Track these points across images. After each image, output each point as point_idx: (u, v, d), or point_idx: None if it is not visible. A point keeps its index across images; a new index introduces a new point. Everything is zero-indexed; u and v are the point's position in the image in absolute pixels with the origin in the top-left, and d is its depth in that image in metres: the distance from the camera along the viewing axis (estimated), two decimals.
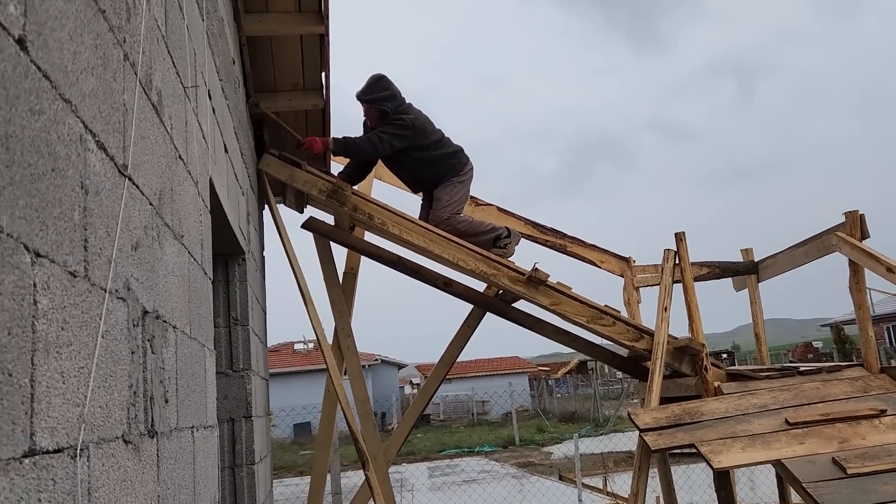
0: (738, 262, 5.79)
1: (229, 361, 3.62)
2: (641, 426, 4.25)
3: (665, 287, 4.82)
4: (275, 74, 4.55)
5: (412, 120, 5.01)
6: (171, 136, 1.76)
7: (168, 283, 1.65)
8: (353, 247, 5.52)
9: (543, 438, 20.43)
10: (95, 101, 1.14)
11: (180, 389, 1.71)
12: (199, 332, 2.05)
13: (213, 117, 2.65)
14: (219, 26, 2.95)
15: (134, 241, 1.34)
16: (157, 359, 1.49)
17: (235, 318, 3.67)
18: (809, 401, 4.33)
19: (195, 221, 2.07)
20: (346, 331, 5.49)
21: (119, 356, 1.20)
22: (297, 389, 25.59)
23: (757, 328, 5.80)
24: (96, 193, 1.12)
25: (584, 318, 4.74)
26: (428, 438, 22.55)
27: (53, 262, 0.93)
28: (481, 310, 5.57)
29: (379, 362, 31.75)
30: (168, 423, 1.57)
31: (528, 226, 5.93)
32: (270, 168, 4.75)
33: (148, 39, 1.55)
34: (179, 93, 1.93)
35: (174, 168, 1.79)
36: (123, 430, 1.20)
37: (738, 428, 4.15)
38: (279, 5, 4.05)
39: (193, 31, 2.23)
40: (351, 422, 4.43)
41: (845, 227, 4.70)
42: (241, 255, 3.73)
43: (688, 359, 4.73)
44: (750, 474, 10.11)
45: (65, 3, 1.01)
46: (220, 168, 2.81)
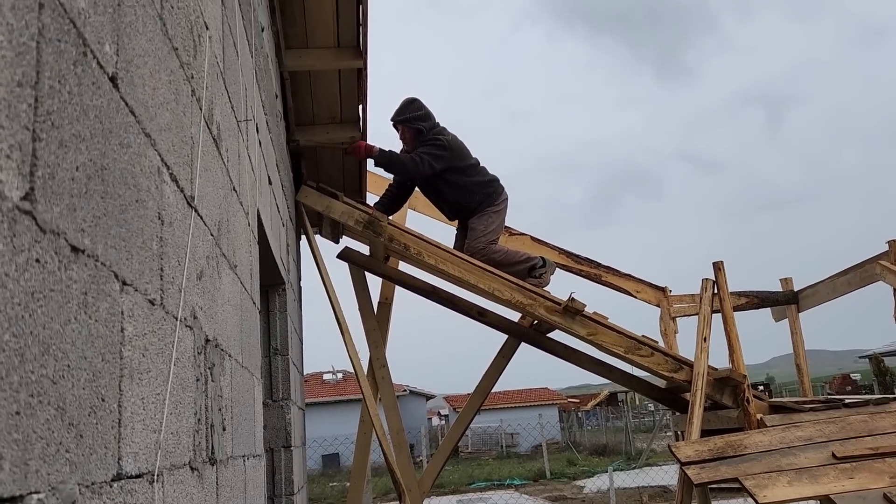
0: (777, 292, 5.70)
1: (269, 391, 3.64)
2: (683, 459, 4.16)
3: (704, 317, 4.76)
4: (313, 108, 4.64)
5: (449, 141, 5.07)
6: (227, 168, 1.81)
7: (225, 312, 1.67)
8: (389, 277, 5.55)
9: (574, 472, 20.07)
10: (170, 135, 1.18)
11: (235, 417, 1.73)
12: (250, 360, 2.08)
13: (259, 150, 2.71)
14: (264, 62, 3.03)
15: (199, 270, 1.37)
16: (216, 386, 1.51)
17: (276, 347, 3.70)
18: (857, 434, 4.21)
19: (246, 252, 2.11)
20: (381, 361, 5.49)
21: (187, 383, 1.22)
22: (326, 420, 25.55)
23: (798, 359, 5.68)
24: (170, 224, 1.16)
25: (621, 349, 4.69)
26: (457, 471, 22.29)
27: (137, 290, 0.95)
28: (516, 340, 5.54)
29: (407, 393, 31.61)
30: (225, 450, 1.58)
31: (562, 255, 5.91)
32: (308, 199, 4.82)
33: (210, 75, 1.60)
34: (233, 126, 1.98)
35: (230, 199, 1.84)
36: (190, 456, 1.21)
37: (784, 461, 4.05)
38: (319, 41, 4.14)
39: (245, 68, 2.30)
40: (387, 452, 4.42)
41: (889, 255, 4.62)
42: (282, 286, 3.77)
43: (729, 390, 4.65)
44: None
45: (147, 41, 1.05)
46: (264, 200, 2.86)
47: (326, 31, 4.04)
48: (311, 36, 4.10)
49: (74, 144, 0.73)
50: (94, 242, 0.78)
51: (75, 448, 0.70)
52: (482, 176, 5.27)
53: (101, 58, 0.83)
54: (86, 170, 0.76)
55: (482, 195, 5.21)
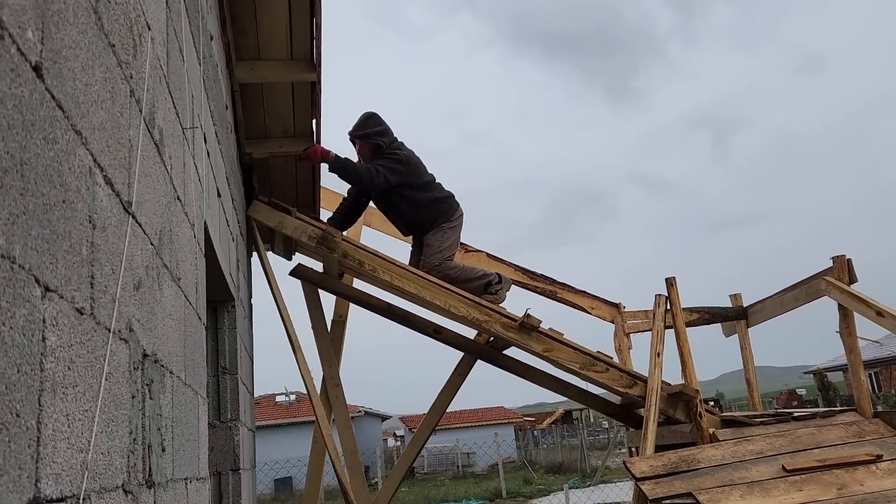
0: (727, 308, 5.79)
1: (217, 411, 3.52)
2: (638, 475, 4.16)
3: (657, 332, 4.80)
4: (265, 121, 4.55)
5: (406, 156, 5.04)
6: (170, 175, 1.73)
7: (166, 327, 1.59)
8: (343, 294, 5.46)
9: (531, 490, 20.04)
10: (104, 135, 1.11)
11: (176, 438, 1.64)
12: (194, 378, 1.98)
13: (207, 161, 2.63)
14: (213, 72, 2.96)
15: (136, 280, 1.30)
16: (154, 405, 1.42)
17: (224, 366, 3.58)
18: (806, 447, 4.28)
19: (191, 265, 2.03)
20: (335, 380, 5.39)
21: (121, 400, 1.14)
22: (279, 443, 25.02)
23: (748, 374, 5.77)
24: (103, 229, 1.08)
25: (577, 365, 4.69)
26: (412, 492, 22.04)
27: (62, 297, 0.88)
28: (472, 357, 5.50)
29: (362, 414, 31.23)
30: (164, 473, 1.50)
31: (517, 272, 5.91)
32: (259, 214, 4.72)
33: (152, 77, 1.53)
34: (178, 133, 1.91)
35: (173, 209, 1.76)
36: (123, 479, 1.13)
37: (736, 475, 4.08)
38: (272, 53, 4.07)
39: (191, 74, 2.22)
40: (340, 473, 4.31)
41: (833, 271, 4.73)
42: (231, 302, 3.66)
43: (682, 405, 4.68)
44: None
45: (78, 33, 0.98)
46: (213, 212, 2.78)
47: (279, 43, 3.98)
48: (263, 48, 4.03)
49: None
50: (9, 242, 0.71)
51: None
52: (438, 192, 5.25)
53: (21, 44, 0.77)
54: (1, 162, 0.70)
55: (438, 211, 5.18)
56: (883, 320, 4.34)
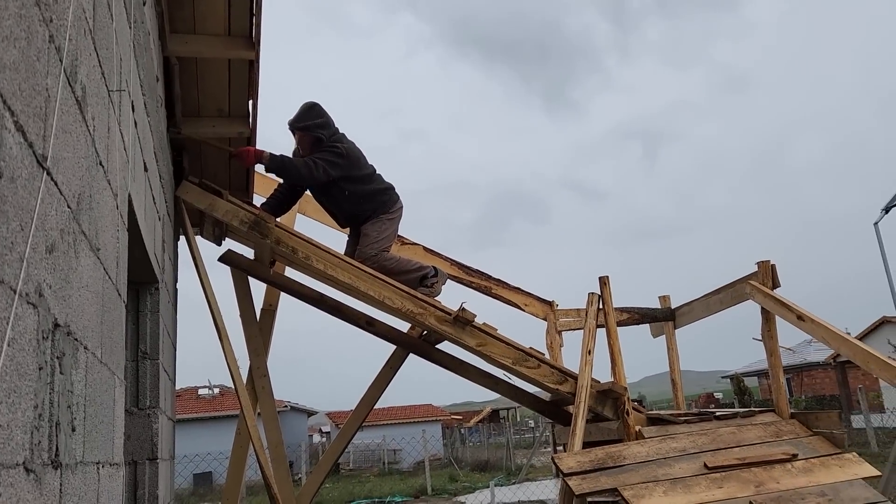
0: (656, 309, 5.92)
1: (135, 398, 3.34)
2: (565, 470, 4.19)
3: (589, 330, 4.85)
4: (199, 98, 4.37)
5: (347, 149, 4.93)
6: (93, 137, 1.61)
7: (82, 298, 1.47)
8: (273, 283, 5.31)
9: (456, 488, 20.12)
10: (16, 77, 1.01)
11: (88, 418, 1.53)
12: (111, 357, 1.86)
13: (134, 131, 2.48)
14: (145, 39, 2.80)
15: (49, 242, 1.19)
16: (65, 380, 1.31)
17: (144, 350, 3.41)
18: (726, 445, 4.40)
19: (112, 236, 1.90)
20: (262, 370, 5.24)
21: (26, 370, 1.04)
22: (199, 437, 24.33)
23: (674, 374, 5.91)
24: (11, 179, 0.98)
25: (509, 360, 4.69)
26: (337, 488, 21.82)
27: None
28: (404, 351, 5.44)
29: (288, 409, 30.71)
30: (74, 454, 1.38)
31: (454, 267, 5.89)
32: (189, 196, 4.53)
33: (75, 27, 1.41)
34: (104, 95, 1.78)
35: (94, 173, 1.64)
36: (26, 456, 1.02)
37: (660, 472, 4.17)
38: (208, 27, 3.91)
39: (121, 36, 2.09)
40: (265, 465, 4.18)
41: (758, 276, 4.89)
42: (155, 285, 3.49)
43: (610, 402, 4.74)
44: None
45: None
46: (138, 186, 2.63)
47: (217, 18, 3.82)
48: (199, 21, 3.86)
49: None
50: None
51: None
52: (378, 184, 5.16)
53: None
54: None
55: (377, 203, 5.10)
56: (803, 324, 4.51)
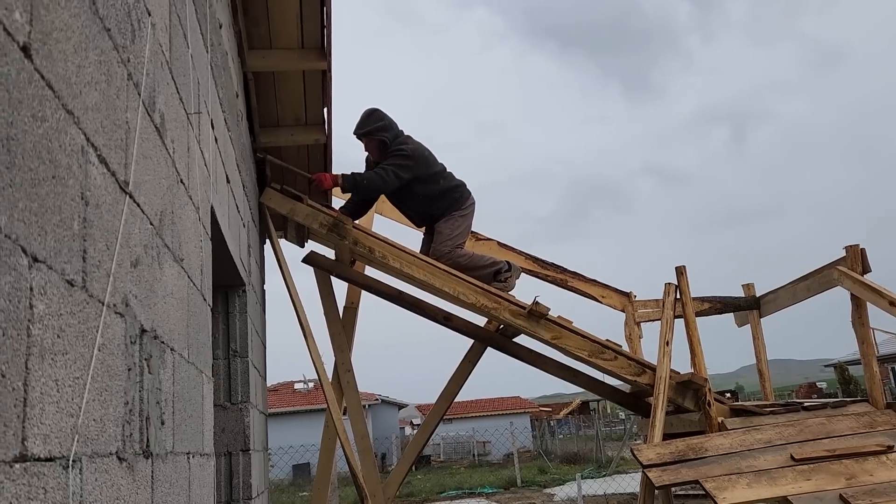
0: (739, 298, 5.76)
1: (228, 394, 3.58)
2: (645, 462, 4.18)
3: (666, 321, 4.79)
4: (277, 109, 4.60)
5: (413, 150, 5.06)
6: (173, 159, 1.77)
7: (167, 305, 1.64)
8: (354, 281, 5.51)
9: (545, 480, 20.08)
10: (98, 116, 1.15)
11: (177, 413, 1.69)
12: (198, 357, 2.03)
13: (215, 146, 2.68)
14: (222, 59, 3.00)
15: (133, 258, 1.34)
16: (154, 379, 1.47)
17: (235, 349, 3.65)
18: (815, 436, 4.27)
19: (195, 247, 2.07)
20: (346, 366, 5.44)
21: (115, 371, 1.19)
22: (297, 429, 25.27)
23: (760, 364, 5.75)
24: (96, 206, 1.13)
25: (585, 353, 4.70)
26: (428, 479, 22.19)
27: (51, 268, 0.92)
28: (482, 345, 5.53)
29: (379, 402, 31.42)
30: (164, 445, 1.55)
31: (528, 260, 5.92)
32: (272, 202, 4.77)
33: (152, 62, 1.57)
34: (182, 118, 1.95)
35: (175, 191, 1.80)
36: (118, 446, 1.18)
37: (744, 464, 4.09)
38: (282, 42, 4.11)
39: (197, 61, 2.26)
40: (350, 457, 4.37)
41: (846, 261, 4.70)
42: (242, 287, 3.72)
43: (691, 394, 4.68)
44: None
45: (70, 16, 1.02)
46: (221, 197, 2.82)
47: (290, 32, 4.02)
48: (274, 37, 4.07)
49: None
50: None
51: None
52: (448, 182, 5.26)
53: (8, 24, 0.81)
54: None
55: (449, 200, 5.20)
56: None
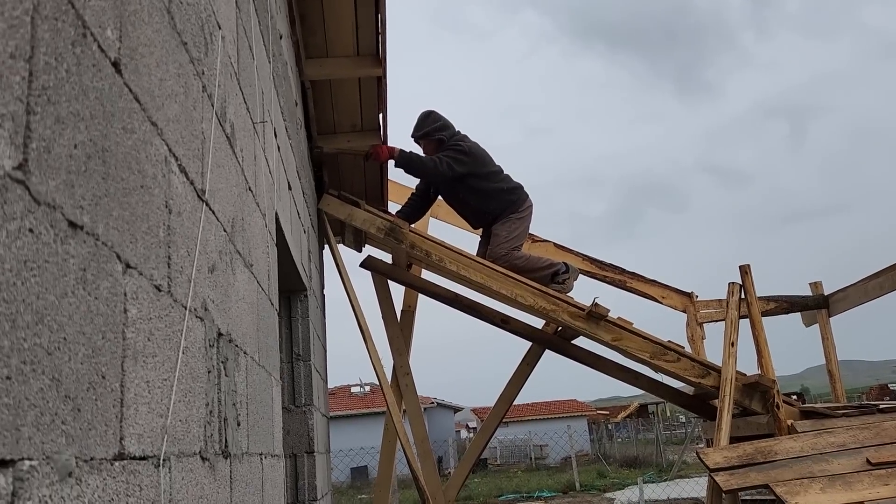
0: (807, 297, 5.59)
1: (291, 396, 3.65)
2: (712, 466, 4.08)
3: (731, 321, 4.68)
4: (334, 116, 4.67)
5: (470, 147, 5.09)
6: (241, 167, 1.82)
7: (239, 309, 1.68)
8: (411, 285, 5.55)
9: (605, 484, 19.80)
10: (178, 127, 1.20)
11: (250, 414, 1.74)
12: (267, 360, 2.08)
13: (277, 154, 2.74)
14: (283, 69, 3.07)
15: (210, 263, 1.38)
16: (230, 381, 1.51)
17: (298, 353, 3.72)
18: (892, 440, 4.09)
19: (263, 252, 2.13)
20: (405, 369, 5.49)
21: (197, 373, 1.23)
22: (354, 433, 25.56)
23: (830, 365, 5.56)
24: (178, 214, 1.17)
25: (646, 354, 4.62)
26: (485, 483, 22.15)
27: (142, 274, 0.96)
28: (540, 347, 5.50)
29: (435, 405, 31.53)
30: (240, 445, 1.59)
31: (586, 262, 5.86)
32: (330, 207, 4.85)
33: (223, 74, 1.62)
34: (249, 127, 2.00)
35: (244, 198, 1.85)
36: (201, 446, 1.22)
37: (816, 468, 3.95)
38: (338, 50, 4.18)
39: (261, 71, 2.32)
40: (412, 459, 4.40)
41: None
42: (304, 292, 3.79)
43: (758, 396, 4.55)
44: None
45: (153, 32, 1.06)
46: (284, 204, 2.89)
47: (346, 40, 4.08)
48: (330, 45, 4.14)
49: (72, 122, 0.74)
50: (93, 221, 0.79)
51: (72, 421, 0.70)
52: (505, 183, 5.26)
53: (102, 41, 0.85)
54: (85, 148, 0.77)
55: (506, 202, 5.19)
56: None
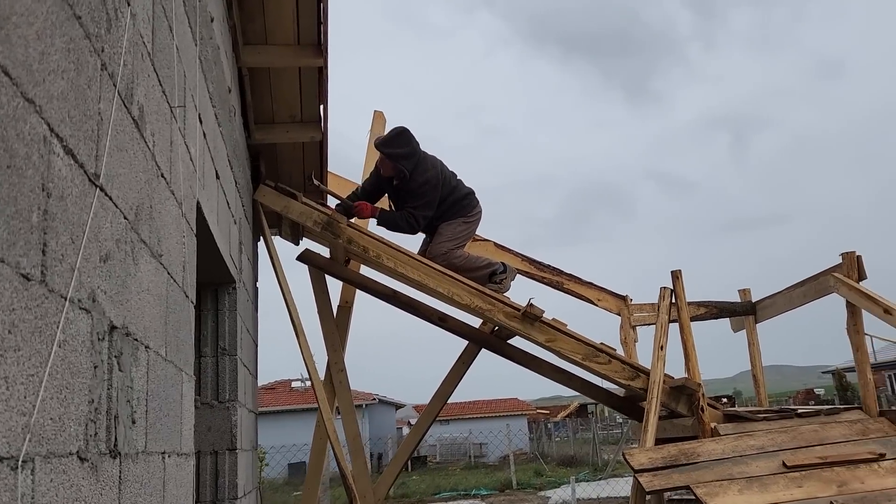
0: (735, 303, 5.73)
1: (215, 392, 3.55)
2: (636, 466, 4.15)
3: (661, 325, 4.76)
4: (272, 106, 4.57)
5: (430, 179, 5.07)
6: (152, 152, 1.74)
7: (142, 301, 1.60)
8: (348, 280, 5.48)
9: (541, 482, 20.04)
10: (64, 106, 1.12)
11: (151, 412, 1.66)
12: (177, 355, 2.00)
13: (203, 142, 2.64)
14: (213, 53, 2.96)
15: (103, 252, 1.31)
16: (124, 377, 1.44)
17: (224, 347, 3.62)
18: (808, 443, 4.24)
19: (177, 242, 2.04)
20: (339, 365, 5.41)
21: (78, 369, 1.16)
22: (294, 428, 25.23)
23: (755, 370, 5.72)
24: (60, 198, 1.09)
25: (579, 356, 4.67)
26: (423, 480, 22.16)
27: (2, 261, 0.89)
28: (476, 346, 5.50)
29: (376, 402, 31.37)
30: (134, 444, 1.51)
31: (525, 262, 5.89)
32: (266, 199, 4.74)
33: (131, 53, 1.54)
34: (165, 111, 1.92)
35: (155, 185, 1.77)
36: (79, 446, 1.14)
37: (735, 470, 4.05)
38: (278, 38, 4.08)
39: (184, 54, 2.23)
40: (340, 457, 4.34)
41: (842, 268, 4.66)
42: (232, 284, 3.69)
43: (684, 399, 4.65)
44: None
45: (33, 1, 0.99)
46: (209, 193, 2.79)
47: (286, 28, 3.98)
48: (270, 32, 4.04)
49: None
50: None
51: None
52: (459, 192, 5.29)
53: None
54: None
55: (457, 208, 5.23)
56: (891, 318, 4.27)
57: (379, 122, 6.08)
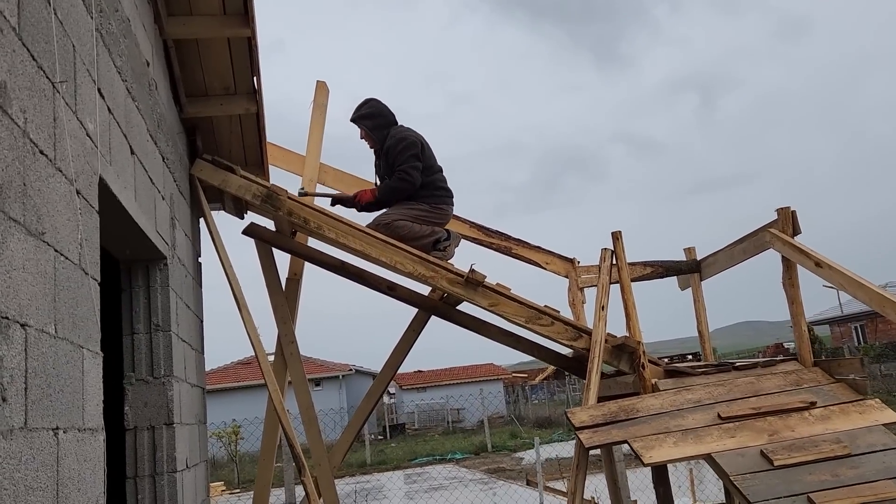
0: (680, 261, 5.83)
1: (150, 368, 3.55)
2: (577, 424, 4.24)
3: (602, 286, 4.83)
4: (205, 78, 4.50)
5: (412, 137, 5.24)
6: (23, 129, 1.72)
7: (14, 280, 1.60)
8: (295, 252, 5.47)
9: (516, 444, 20.43)
10: None
11: (32, 389, 1.66)
12: (73, 332, 2.00)
13: (108, 116, 2.61)
14: (121, 26, 2.90)
15: None
16: None
17: (157, 323, 3.61)
18: (743, 395, 4.36)
19: (68, 220, 2.03)
20: (290, 337, 5.43)
21: None
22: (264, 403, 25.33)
23: (701, 326, 5.84)
24: None
25: (522, 319, 4.73)
26: (401, 447, 22.47)
27: None
28: (425, 313, 5.54)
29: (353, 372, 31.57)
30: (10, 422, 1.52)
31: (472, 228, 5.92)
32: (203, 173, 4.69)
33: None
34: (42, 87, 1.89)
35: (29, 162, 1.75)
36: None
37: (672, 423, 4.16)
38: (203, 8, 4.00)
39: (71, 26, 2.19)
40: (288, 428, 4.38)
41: (778, 223, 4.75)
42: (163, 261, 3.67)
43: (626, 357, 4.74)
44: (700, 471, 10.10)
45: None
46: (121, 169, 2.76)
47: None
48: (195, 3, 3.97)
49: None
50: None
51: None
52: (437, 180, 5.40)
53: None
54: None
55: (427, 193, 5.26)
56: (821, 271, 4.38)
57: (322, 92, 6.01)
